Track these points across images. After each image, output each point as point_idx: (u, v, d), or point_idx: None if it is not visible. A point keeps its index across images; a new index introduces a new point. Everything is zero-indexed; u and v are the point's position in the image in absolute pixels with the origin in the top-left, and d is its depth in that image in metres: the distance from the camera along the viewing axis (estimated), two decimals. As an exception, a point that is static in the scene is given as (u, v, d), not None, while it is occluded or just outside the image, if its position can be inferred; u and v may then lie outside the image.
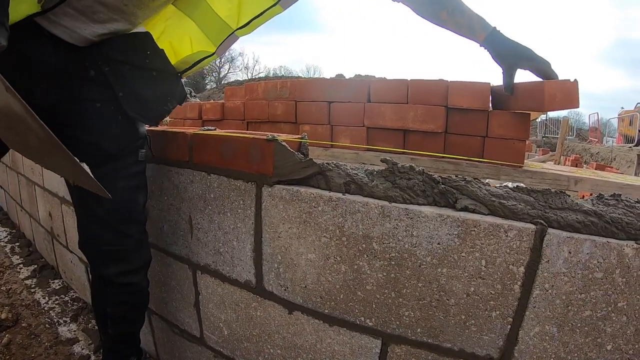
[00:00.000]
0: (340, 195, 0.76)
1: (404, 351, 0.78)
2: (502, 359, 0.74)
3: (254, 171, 0.84)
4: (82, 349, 1.35)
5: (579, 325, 0.70)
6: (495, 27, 1.08)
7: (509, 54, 1.09)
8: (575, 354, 0.71)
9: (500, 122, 1.38)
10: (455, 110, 1.44)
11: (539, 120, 14.03)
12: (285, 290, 0.85)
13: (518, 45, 1.08)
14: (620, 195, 0.76)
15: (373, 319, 0.78)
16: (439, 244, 0.71)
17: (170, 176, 1.02)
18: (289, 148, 0.81)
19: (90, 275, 1.01)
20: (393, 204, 0.72)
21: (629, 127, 12.07)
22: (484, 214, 0.71)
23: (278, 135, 0.80)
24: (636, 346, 0.69)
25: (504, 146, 1.32)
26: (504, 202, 0.72)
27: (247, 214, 0.87)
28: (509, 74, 1.12)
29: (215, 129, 0.93)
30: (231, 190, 0.89)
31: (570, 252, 0.68)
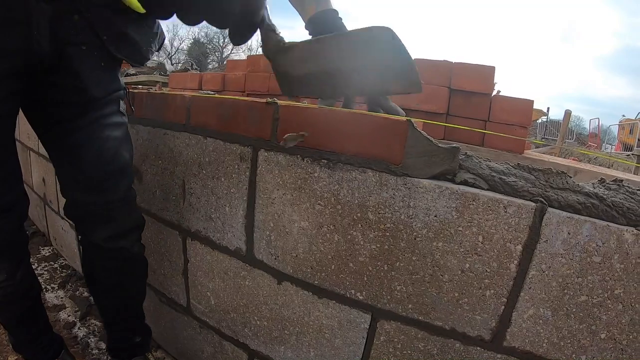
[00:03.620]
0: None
1: (394, 328, 0.75)
2: (494, 340, 0.72)
3: (251, 135, 0.82)
4: (68, 316, 1.33)
5: (573, 310, 0.68)
6: (335, 10, 0.81)
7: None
8: (568, 341, 0.69)
9: (503, 107, 1.35)
10: (458, 92, 1.41)
11: (539, 121, 14.03)
12: (275, 259, 0.83)
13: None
14: (622, 181, 0.74)
15: (364, 292, 0.76)
16: (436, 216, 0.68)
17: (166, 139, 1.00)
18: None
19: (80, 246, 0.97)
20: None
21: (629, 135, 12.16)
22: (483, 189, 0.69)
23: (277, 100, 0.78)
24: (630, 336, 0.67)
25: (506, 131, 1.29)
26: (505, 177, 0.69)
27: (242, 179, 0.85)
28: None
29: (214, 94, 0.91)
30: (227, 154, 0.86)
31: (569, 233, 0.66)
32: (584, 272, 0.66)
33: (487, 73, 1.36)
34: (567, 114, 7.36)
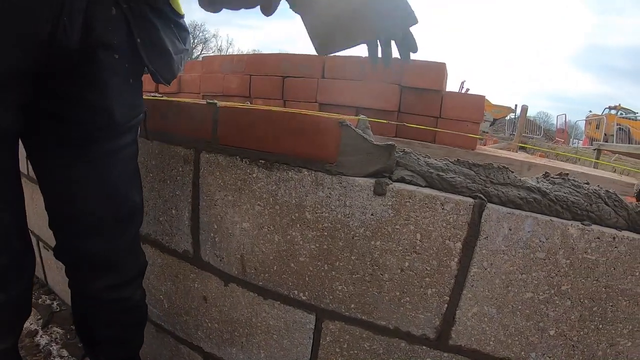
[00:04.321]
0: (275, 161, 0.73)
1: (338, 328, 0.75)
2: (439, 339, 0.71)
3: (194, 136, 0.81)
4: (31, 324, 1.31)
5: (519, 307, 0.67)
6: None
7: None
8: (516, 338, 0.68)
9: (454, 104, 1.34)
10: (409, 89, 1.40)
11: (507, 118, 14.26)
12: (220, 260, 0.83)
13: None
14: (567, 174, 0.73)
15: (306, 293, 0.75)
16: (372, 215, 0.68)
17: (116, 143, 1.00)
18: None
19: (72, 295, 0.82)
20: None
21: (595, 130, 12.51)
22: (421, 186, 0.68)
23: (218, 101, 0.77)
24: (581, 332, 0.66)
25: (457, 128, 1.28)
26: (443, 174, 0.68)
27: (185, 181, 0.84)
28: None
29: (162, 96, 0.91)
30: (171, 156, 0.85)
31: (510, 229, 0.65)
32: (528, 268, 0.65)
33: (438, 70, 1.35)
34: (524, 109, 7.37)
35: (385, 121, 1.11)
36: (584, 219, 0.66)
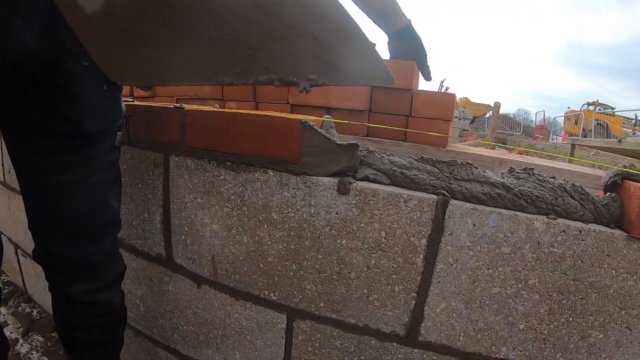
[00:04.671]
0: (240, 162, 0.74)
1: (309, 327, 0.75)
2: (409, 335, 0.72)
3: (163, 140, 0.82)
4: (11, 333, 1.31)
5: (487, 302, 0.68)
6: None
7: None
8: (486, 333, 0.69)
9: (424, 102, 1.35)
10: (379, 88, 1.40)
11: (487, 115, 14.44)
12: (192, 263, 0.83)
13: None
14: (532, 169, 0.74)
15: (277, 293, 0.76)
16: (337, 213, 0.68)
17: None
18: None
19: (51, 294, 0.81)
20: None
21: (574, 126, 12.83)
22: (385, 184, 0.69)
23: (185, 105, 0.78)
24: (551, 326, 0.67)
25: (428, 125, 1.29)
26: (406, 172, 0.69)
27: (156, 185, 0.84)
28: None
29: (133, 101, 0.92)
30: (142, 160, 0.86)
31: (474, 225, 0.66)
32: (494, 263, 0.66)
33: (406, 68, 1.35)
34: (496, 106, 7.43)
35: (346, 121, 1.12)
36: (550, 213, 0.67)
